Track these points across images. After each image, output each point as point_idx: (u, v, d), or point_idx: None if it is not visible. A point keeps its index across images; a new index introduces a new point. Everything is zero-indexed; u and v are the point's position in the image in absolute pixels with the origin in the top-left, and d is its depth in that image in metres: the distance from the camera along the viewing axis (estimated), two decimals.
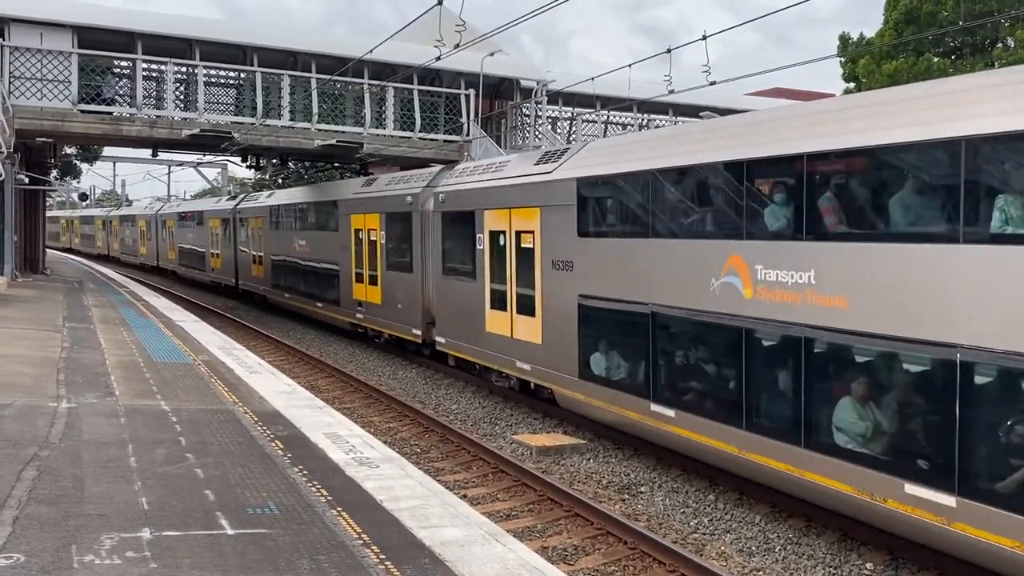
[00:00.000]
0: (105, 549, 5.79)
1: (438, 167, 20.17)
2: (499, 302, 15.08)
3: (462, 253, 16.69)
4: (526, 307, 14.16)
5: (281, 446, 8.97)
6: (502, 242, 14.84)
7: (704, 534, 9.47)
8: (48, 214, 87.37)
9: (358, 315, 22.18)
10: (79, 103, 21.68)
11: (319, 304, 25.11)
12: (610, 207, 12.49)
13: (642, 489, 10.93)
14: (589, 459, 12.19)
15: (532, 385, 14.34)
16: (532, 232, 13.84)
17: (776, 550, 8.94)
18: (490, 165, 16.23)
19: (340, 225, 23.20)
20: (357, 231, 22.05)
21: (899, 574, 8.25)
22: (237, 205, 34.42)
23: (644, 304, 11.11)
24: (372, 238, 21.17)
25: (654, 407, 10.95)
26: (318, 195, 26.69)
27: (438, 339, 17.74)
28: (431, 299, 18.28)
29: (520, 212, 14.26)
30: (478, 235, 15.70)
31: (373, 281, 21.11)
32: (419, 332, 18.84)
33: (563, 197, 12.97)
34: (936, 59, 30.31)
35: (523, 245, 14.17)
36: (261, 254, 30.81)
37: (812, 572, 8.41)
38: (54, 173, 36.63)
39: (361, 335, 22.96)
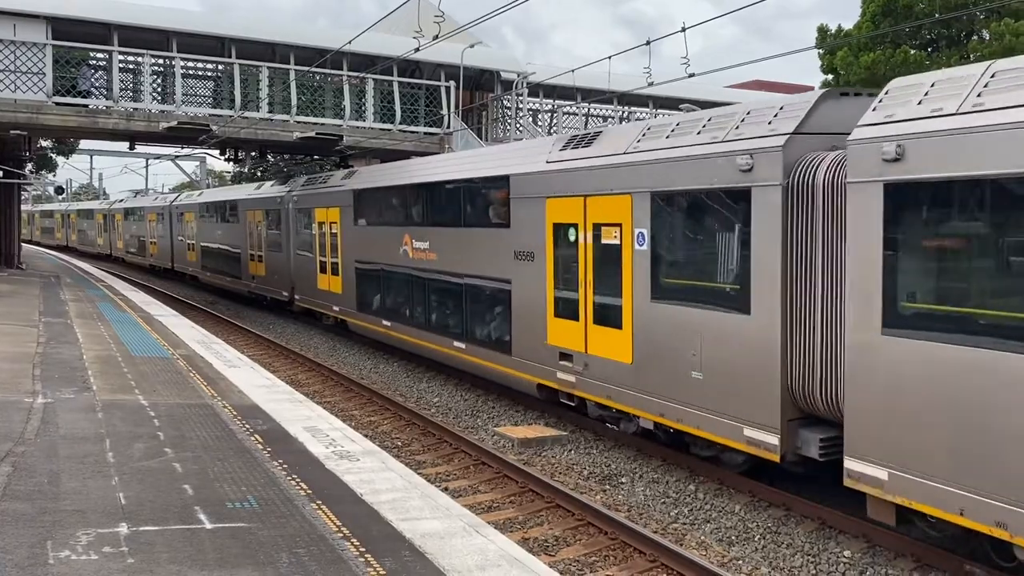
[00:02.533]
0: (81, 545, 5.76)
1: (799, 96, 10.08)
2: None
3: (980, 280, 7.33)
4: None
5: (260, 440, 8.93)
6: None
7: (684, 524, 9.52)
8: (41, 207, 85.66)
9: (563, 374, 12.83)
10: (54, 95, 21.42)
11: (458, 344, 15.98)
12: None
13: (623, 480, 10.97)
14: (570, 450, 12.22)
15: None
16: None
17: (756, 539, 9.01)
18: None
19: (515, 215, 14.03)
20: (560, 228, 12.83)
21: (876, 561, 8.33)
22: (291, 192, 25.97)
23: None
24: (608, 240, 11.85)
25: None
26: (462, 168, 16.53)
27: (855, 466, 8.12)
28: (810, 369, 9.01)
29: None
30: None
31: (606, 318, 11.90)
32: (773, 439, 9.30)
33: None
34: (913, 51, 30.58)
35: None
36: (336, 260, 22.07)
37: (791, 560, 8.48)
38: (29, 166, 36.19)
39: (563, 405, 13.31)
